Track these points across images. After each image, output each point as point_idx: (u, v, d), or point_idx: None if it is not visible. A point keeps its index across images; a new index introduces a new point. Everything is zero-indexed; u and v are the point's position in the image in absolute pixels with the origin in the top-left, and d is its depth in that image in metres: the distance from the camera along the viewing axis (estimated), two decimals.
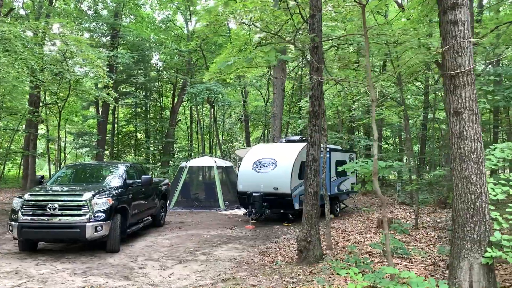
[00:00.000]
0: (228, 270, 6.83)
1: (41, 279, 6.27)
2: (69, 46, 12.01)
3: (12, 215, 7.92)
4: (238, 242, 9.43)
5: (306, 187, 6.86)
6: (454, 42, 4.35)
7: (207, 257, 7.86)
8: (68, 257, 7.79)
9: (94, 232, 7.70)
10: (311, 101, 6.92)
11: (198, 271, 6.82)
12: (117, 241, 8.26)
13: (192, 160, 17.21)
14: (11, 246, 8.85)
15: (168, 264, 7.33)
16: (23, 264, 7.22)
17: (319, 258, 6.68)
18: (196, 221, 12.71)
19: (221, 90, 19.89)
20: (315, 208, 6.79)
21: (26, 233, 7.69)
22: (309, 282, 5.68)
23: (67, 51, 12.23)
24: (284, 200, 11.98)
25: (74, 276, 6.46)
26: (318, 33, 7.09)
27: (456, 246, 4.36)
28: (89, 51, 12.57)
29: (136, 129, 30.05)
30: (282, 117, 19.26)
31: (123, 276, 6.46)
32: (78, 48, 12.22)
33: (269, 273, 6.41)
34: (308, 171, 6.84)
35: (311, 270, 6.27)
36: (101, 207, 7.90)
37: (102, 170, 9.93)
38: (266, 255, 7.95)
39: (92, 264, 7.27)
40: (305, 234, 6.64)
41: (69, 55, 12.44)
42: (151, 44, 25.79)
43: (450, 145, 4.51)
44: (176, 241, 9.56)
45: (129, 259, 7.73)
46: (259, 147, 14.02)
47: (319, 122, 6.89)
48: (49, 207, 7.67)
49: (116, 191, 8.60)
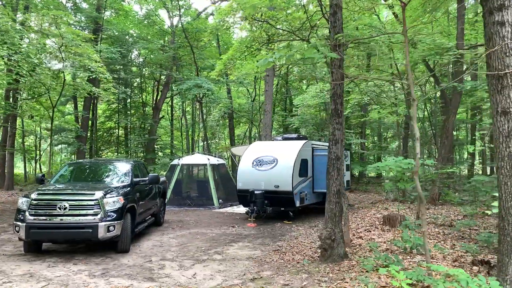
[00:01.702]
0: (250, 269, 6.75)
1: (60, 282, 6.02)
2: (65, 40, 11.53)
3: (18, 215, 7.55)
4: (247, 241, 9.35)
5: (329, 185, 6.85)
6: (502, 43, 4.42)
7: (223, 256, 7.75)
8: (79, 258, 7.51)
9: (106, 232, 7.45)
10: (333, 99, 6.91)
11: (220, 270, 6.71)
12: (128, 241, 8.04)
13: (184, 158, 16.96)
14: (12, 247, 8.48)
15: (186, 264, 7.18)
16: (34, 266, 6.91)
17: (343, 256, 6.70)
18: (194, 220, 12.53)
19: (211, 86, 19.67)
20: (339, 206, 6.79)
21: (34, 234, 7.35)
22: (341, 280, 5.68)
23: (63, 45, 11.73)
24: (285, 197, 11.98)
25: (94, 278, 6.23)
26: (339, 31, 7.08)
27: (505, 244, 4.45)
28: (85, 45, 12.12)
29: (118, 126, 29.33)
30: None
31: (147, 278, 6.28)
32: (76, 42, 11.72)
33: (295, 272, 6.37)
34: (331, 169, 6.83)
35: (338, 269, 6.27)
36: (112, 206, 7.65)
37: (107, 168, 9.61)
38: (282, 253, 7.91)
39: (107, 266, 7.03)
40: (329, 232, 6.64)
41: (64, 49, 11.93)
42: (135, 39, 25.19)
43: (496, 144, 4.58)
44: (183, 240, 9.39)
45: (142, 259, 7.53)
46: (257, 144, 13.96)
47: (342, 120, 6.89)
48: (59, 206, 7.36)
49: (125, 189, 8.35)
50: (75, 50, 12.03)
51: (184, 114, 26.44)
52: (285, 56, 4.93)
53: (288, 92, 28.11)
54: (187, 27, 23.54)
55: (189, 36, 24.04)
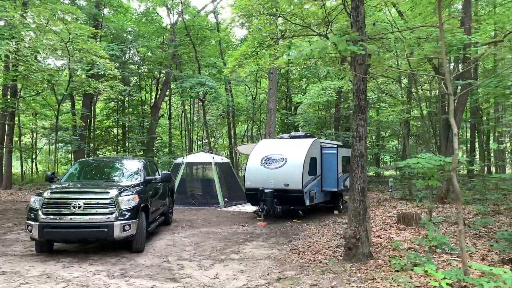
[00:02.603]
0: (273, 269, 6.59)
1: (80, 283, 5.81)
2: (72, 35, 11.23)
3: (31, 214, 7.32)
4: (261, 240, 9.19)
5: (352, 183, 6.71)
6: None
7: (240, 256, 7.59)
8: (94, 258, 7.30)
9: (122, 231, 7.25)
10: (356, 95, 6.78)
11: (242, 270, 6.55)
12: (143, 240, 7.86)
13: (188, 156, 16.76)
14: (21, 247, 8.24)
15: (205, 263, 7.00)
16: (49, 267, 6.70)
17: (368, 256, 6.57)
18: (202, 219, 12.35)
19: (214, 84, 19.45)
20: (363, 205, 6.66)
21: (48, 234, 7.12)
22: (372, 280, 5.55)
23: (70, 40, 11.42)
24: (295, 196, 11.84)
25: (114, 279, 6.04)
26: (362, 25, 6.95)
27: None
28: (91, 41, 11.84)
29: (118, 124, 28.99)
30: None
31: (169, 278, 6.09)
32: (82, 37, 11.44)
33: (320, 272, 6.23)
34: (355, 167, 6.70)
35: (366, 268, 6.14)
36: (128, 205, 7.45)
37: (118, 166, 9.39)
38: (300, 253, 7.77)
39: (124, 266, 6.83)
40: (353, 231, 6.51)
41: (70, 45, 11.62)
42: (134, 37, 24.88)
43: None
44: (196, 239, 9.21)
45: (159, 259, 7.34)
46: (265, 143, 13.79)
47: (365, 117, 6.76)
48: (73, 205, 7.14)
49: (138, 188, 8.16)
50: (81, 46, 11.76)
51: (185, 113, 26.15)
52: (318, 48, 4.78)
53: (289, 90, 27.97)
54: (189, 24, 23.28)
55: (190, 33, 23.80)
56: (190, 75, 21.48)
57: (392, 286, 5.19)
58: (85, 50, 12.02)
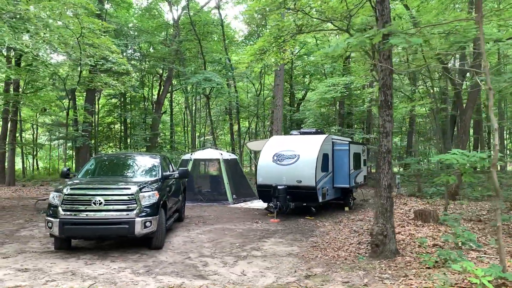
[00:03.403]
0: (298, 266, 6.52)
1: (107, 280, 5.72)
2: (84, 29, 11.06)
3: (50, 210, 7.21)
4: (278, 236, 9.12)
5: (379, 179, 6.64)
6: None
7: (262, 253, 7.51)
8: (114, 255, 7.21)
9: (143, 228, 7.15)
10: (382, 90, 6.70)
11: (268, 267, 6.47)
12: (163, 237, 7.78)
13: (196, 152, 16.64)
14: (38, 244, 8.13)
15: (229, 260, 6.92)
16: (71, 264, 6.59)
17: (395, 252, 6.51)
18: (214, 215, 12.26)
19: (221, 80, 19.30)
20: (390, 201, 6.60)
21: (68, 230, 7.02)
22: (405, 277, 5.48)
23: (81, 35, 11.22)
24: (308, 193, 11.76)
25: (140, 276, 5.94)
26: (388, 19, 6.86)
27: None
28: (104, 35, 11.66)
29: (121, 120, 28.82)
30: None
31: (196, 275, 6.01)
32: (95, 31, 11.27)
33: (348, 269, 6.16)
34: (382, 163, 6.62)
35: (395, 265, 6.08)
36: (148, 201, 7.35)
37: (135, 162, 9.27)
38: (322, 250, 7.70)
39: (147, 263, 6.74)
40: (380, 228, 6.44)
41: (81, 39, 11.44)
42: (139, 32, 24.66)
43: None
44: (213, 236, 9.13)
45: (180, 256, 7.25)
46: (276, 139, 13.70)
47: (392, 112, 6.68)
48: (94, 201, 7.04)
49: (156, 184, 8.05)
50: (93, 40, 11.57)
51: (189, 109, 25.98)
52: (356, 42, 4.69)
53: (292, 87, 27.87)
54: (194, 19, 23.11)
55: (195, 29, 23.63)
56: (196, 71, 21.30)
57: (426, 284, 5.13)
58: (96, 44, 11.86)
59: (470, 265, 4.77)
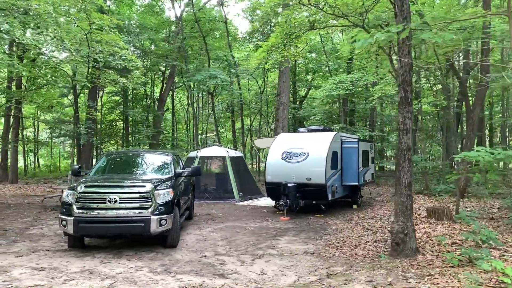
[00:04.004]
0: (318, 264, 6.44)
1: (126, 279, 5.63)
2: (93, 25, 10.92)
3: (64, 208, 7.11)
4: (291, 235, 9.04)
5: (399, 177, 6.56)
6: None
7: (278, 251, 7.43)
8: (129, 254, 7.11)
9: (158, 226, 7.06)
10: (402, 87, 6.61)
11: (287, 266, 6.39)
12: (177, 235, 7.69)
13: (202, 150, 16.54)
14: (49, 242, 8.04)
15: (246, 259, 6.84)
16: (87, 263, 6.50)
17: (415, 251, 6.43)
18: (222, 213, 12.18)
19: (226, 77, 19.17)
20: (410, 199, 6.52)
21: (83, 229, 6.92)
22: (429, 276, 5.41)
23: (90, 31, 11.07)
24: (318, 190, 11.68)
25: (159, 275, 5.86)
26: (407, 14, 6.78)
27: None
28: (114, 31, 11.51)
29: (124, 118, 28.67)
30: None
31: (217, 274, 5.92)
32: (105, 28, 11.12)
33: (369, 268, 6.09)
34: (402, 160, 6.54)
35: (417, 264, 6.00)
36: (163, 199, 7.26)
37: (147, 160, 9.17)
38: (338, 248, 7.63)
39: (163, 261, 6.65)
40: (401, 226, 6.37)
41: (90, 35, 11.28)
42: (141, 30, 24.50)
43: None
44: (225, 234, 9.05)
45: (196, 254, 7.17)
46: (285, 136, 13.60)
47: (412, 109, 6.60)
48: (108, 199, 6.94)
49: (170, 182, 7.95)
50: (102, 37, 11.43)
51: (193, 106, 25.84)
52: (384, 36, 4.60)
53: (295, 84, 27.77)
54: (198, 16, 22.96)
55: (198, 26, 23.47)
56: (200, 68, 21.17)
57: (453, 283, 5.06)
58: (105, 41, 11.72)
59: (499, 264, 4.70)
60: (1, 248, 7.52)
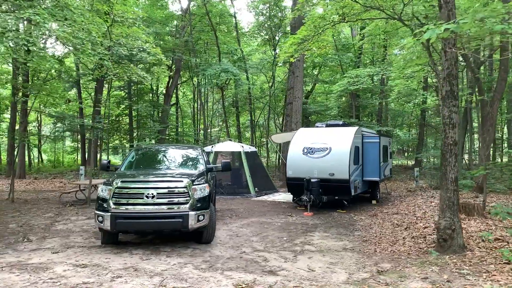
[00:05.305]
0: (363, 261, 6.33)
1: (174, 276, 5.49)
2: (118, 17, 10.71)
3: (100, 204, 6.95)
4: (321, 230, 8.94)
5: (445, 172, 6.44)
6: None
7: (316, 248, 7.32)
8: (166, 250, 6.98)
9: (196, 221, 6.91)
10: (448, 80, 6.48)
11: (332, 263, 6.27)
12: (213, 231, 7.57)
13: (217, 145, 16.40)
14: (80, 238, 7.89)
15: (287, 255, 6.72)
16: (127, 259, 6.36)
17: (463, 247, 6.33)
18: (243, 209, 12.06)
19: (238, 72, 18.98)
20: (456, 195, 6.40)
21: (121, 225, 6.76)
22: (487, 273, 5.30)
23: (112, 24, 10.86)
24: (341, 186, 11.58)
25: (207, 272, 5.72)
26: (452, 6, 6.64)
27: None
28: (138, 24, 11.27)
29: (130, 112, 28.39)
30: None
31: (266, 271, 5.79)
32: (129, 20, 10.88)
33: (418, 264, 5.97)
34: (448, 155, 6.42)
35: (469, 260, 5.89)
36: (200, 194, 7.11)
37: (177, 154, 8.99)
38: (376, 244, 7.53)
39: (204, 258, 6.52)
40: (448, 222, 6.26)
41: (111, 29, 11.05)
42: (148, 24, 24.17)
43: None
44: (254, 229, 8.93)
45: (234, 250, 7.04)
46: (304, 131, 13.46)
47: (457, 103, 6.48)
48: (146, 194, 6.79)
49: (204, 176, 7.80)
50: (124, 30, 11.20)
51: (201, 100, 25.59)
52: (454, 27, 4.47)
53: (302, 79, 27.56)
54: (209, 9, 22.69)
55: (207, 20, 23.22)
56: (211, 63, 20.94)
57: None
58: (125, 34, 11.50)
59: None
60: (33, 244, 7.37)
